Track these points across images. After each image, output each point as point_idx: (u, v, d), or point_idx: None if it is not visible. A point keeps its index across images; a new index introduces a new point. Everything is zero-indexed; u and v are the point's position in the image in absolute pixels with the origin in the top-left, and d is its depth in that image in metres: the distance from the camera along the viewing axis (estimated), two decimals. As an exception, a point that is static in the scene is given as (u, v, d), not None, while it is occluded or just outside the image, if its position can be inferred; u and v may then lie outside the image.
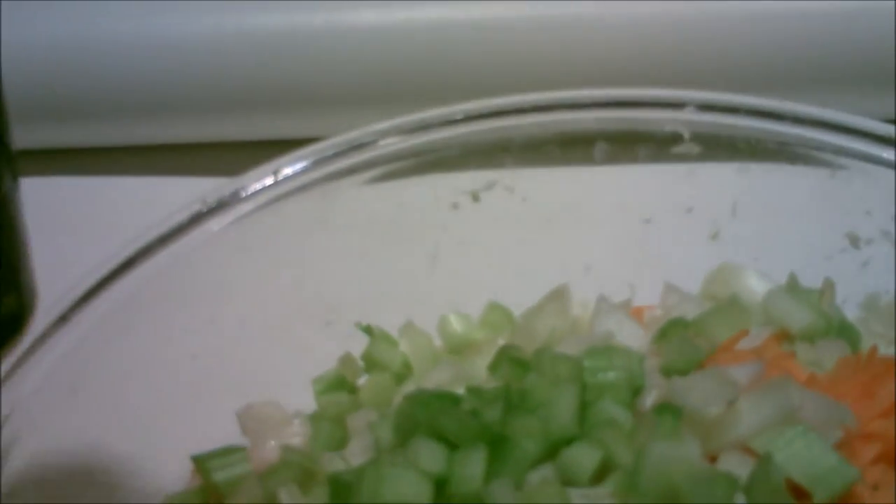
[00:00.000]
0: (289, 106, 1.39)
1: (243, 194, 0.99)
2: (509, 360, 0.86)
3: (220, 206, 0.97)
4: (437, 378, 0.92)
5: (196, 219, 0.96)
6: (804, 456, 0.72)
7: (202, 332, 0.97)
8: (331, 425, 0.94)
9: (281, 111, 1.40)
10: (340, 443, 0.92)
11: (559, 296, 0.99)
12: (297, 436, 0.96)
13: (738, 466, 0.73)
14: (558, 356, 0.82)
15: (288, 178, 1.00)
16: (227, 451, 0.91)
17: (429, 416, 0.79)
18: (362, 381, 1.01)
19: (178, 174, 1.36)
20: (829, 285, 0.97)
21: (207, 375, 0.96)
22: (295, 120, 1.39)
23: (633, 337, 0.90)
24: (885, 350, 0.90)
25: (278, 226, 1.01)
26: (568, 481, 0.75)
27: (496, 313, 1.02)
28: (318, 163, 1.02)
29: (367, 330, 1.02)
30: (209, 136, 1.43)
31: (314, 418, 0.96)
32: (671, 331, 0.89)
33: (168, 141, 1.44)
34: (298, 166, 1.01)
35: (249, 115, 1.41)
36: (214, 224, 0.96)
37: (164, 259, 0.94)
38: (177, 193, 0.97)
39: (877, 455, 0.76)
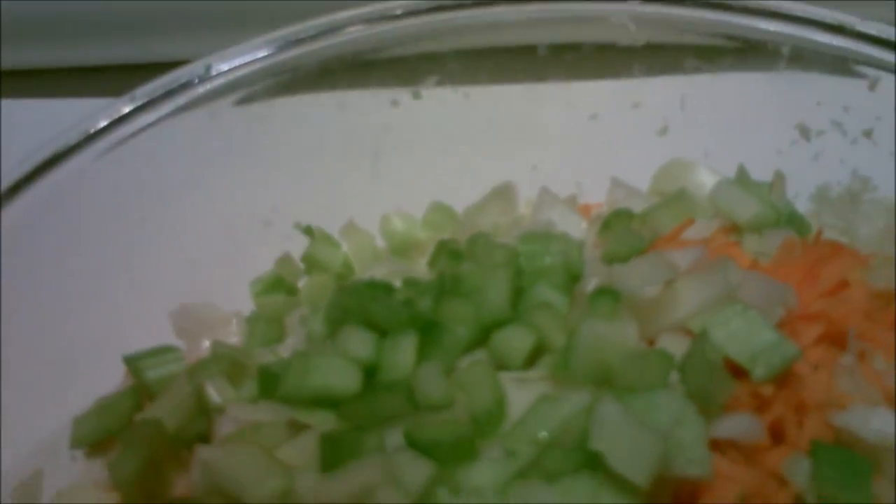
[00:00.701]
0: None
1: (177, 91, 0.95)
2: (447, 252, 0.84)
3: (150, 104, 0.94)
4: (375, 274, 0.89)
5: (124, 117, 0.92)
6: (742, 334, 0.70)
7: (132, 231, 0.94)
8: (267, 324, 0.91)
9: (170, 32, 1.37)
10: (276, 340, 0.90)
11: (503, 193, 0.97)
12: (233, 336, 0.94)
13: (675, 347, 0.70)
14: (493, 243, 0.80)
15: (222, 75, 0.96)
16: (160, 351, 0.88)
17: (360, 305, 0.77)
18: (302, 283, 0.99)
19: (61, 97, 1.32)
20: (778, 177, 0.94)
21: (139, 276, 0.93)
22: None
23: (575, 228, 0.87)
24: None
25: (214, 125, 0.97)
26: (501, 365, 0.73)
27: (439, 213, 1.00)
28: (256, 60, 0.98)
29: (308, 231, 0.99)
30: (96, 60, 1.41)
31: (251, 319, 0.94)
32: (615, 221, 0.86)
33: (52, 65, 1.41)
34: (233, 63, 0.97)
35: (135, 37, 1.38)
36: (145, 120, 0.93)
37: (92, 155, 0.90)
38: (67, 115, 0.92)
39: (819, 335, 0.74)
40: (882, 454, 0.70)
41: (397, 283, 0.83)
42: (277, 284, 0.97)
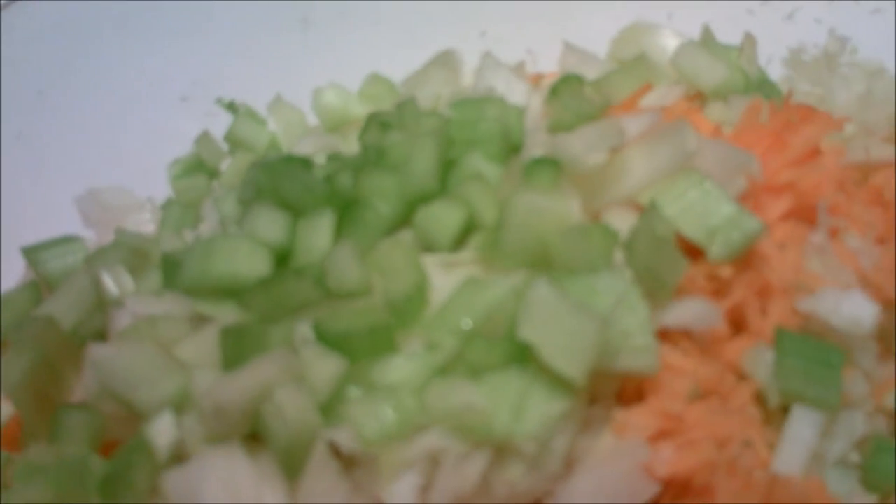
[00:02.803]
0: None
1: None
2: (377, 124, 0.75)
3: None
4: (301, 149, 0.81)
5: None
6: (698, 207, 0.61)
7: (30, 107, 0.84)
8: (182, 209, 0.82)
9: None
10: (192, 227, 0.81)
11: (446, 61, 0.87)
12: (148, 223, 0.85)
13: (623, 223, 0.62)
14: (422, 110, 0.70)
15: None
16: (62, 241, 0.80)
17: (273, 182, 0.68)
18: (226, 165, 0.90)
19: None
20: (749, 41, 0.85)
21: (38, 158, 0.84)
22: None
23: (520, 97, 0.78)
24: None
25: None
26: (428, 246, 0.64)
27: (377, 85, 0.90)
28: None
29: (231, 106, 0.91)
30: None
31: (166, 204, 0.85)
32: (563, 88, 0.77)
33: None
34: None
35: None
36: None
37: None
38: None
39: (787, 210, 0.65)
40: (855, 343, 0.62)
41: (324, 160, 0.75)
42: (197, 166, 0.88)
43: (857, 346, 0.63)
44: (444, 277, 0.61)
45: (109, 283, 0.70)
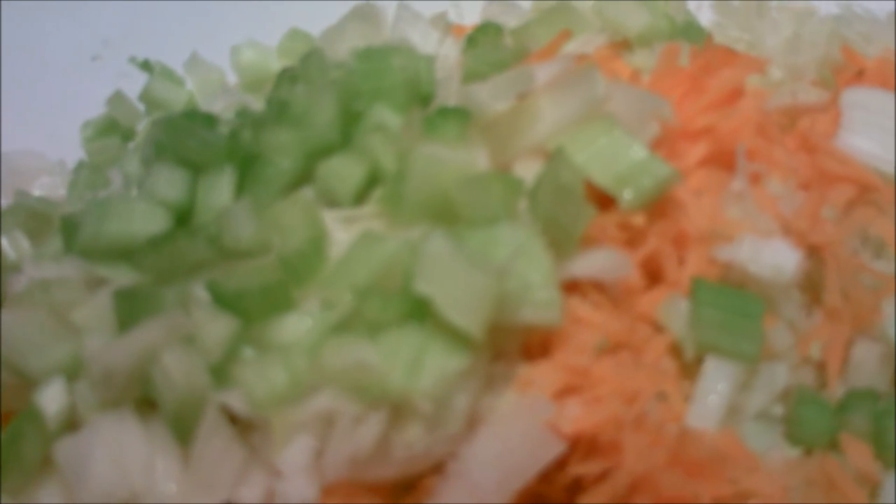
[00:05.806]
0: None
1: None
2: (288, 79, 0.72)
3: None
4: (214, 107, 0.78)
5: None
6: (608, 153, 0.59)
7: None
8: (92, 172, 0.79)
9: None
10: (102, 189, 0.78)
11: (365, 14, 0.84)
12: (59, 187, 0.82)
13: (531, 172, 0.59)
14: (327, 61, 0.67)
15: None
16: (-33, 207, 0.76)
17: (173, 140, 0.65)
18: (142, 126, 0.87)
19: None
20: (677, -13, 0.82)
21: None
22: None
23: (434, 46, 0.75)
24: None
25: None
26: (331, 201, 0.61)
27: (296, 40, 0.87)
28: None
29: (146, 66, 0.87)
30: None
31: (77, 167, 0.82)
32: (480, 37, 0.74)
33: None
34: None
35: None
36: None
37: None
38: None
39: (704, 155, 0.63)
40: (777, 292, 0.60)
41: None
42: (110, 128, 0.85)
43: (779, 296, 0.61)
44: (345, 233, 0.59)
45: (7, 248, 0.68)
